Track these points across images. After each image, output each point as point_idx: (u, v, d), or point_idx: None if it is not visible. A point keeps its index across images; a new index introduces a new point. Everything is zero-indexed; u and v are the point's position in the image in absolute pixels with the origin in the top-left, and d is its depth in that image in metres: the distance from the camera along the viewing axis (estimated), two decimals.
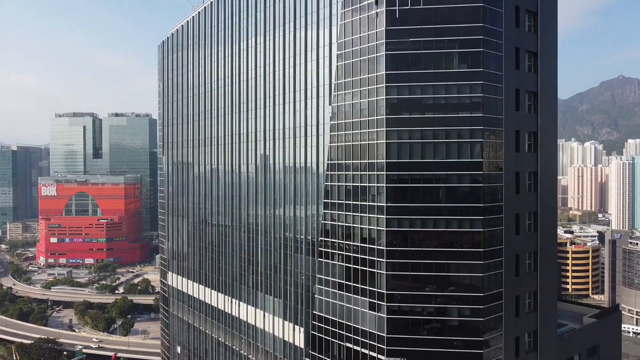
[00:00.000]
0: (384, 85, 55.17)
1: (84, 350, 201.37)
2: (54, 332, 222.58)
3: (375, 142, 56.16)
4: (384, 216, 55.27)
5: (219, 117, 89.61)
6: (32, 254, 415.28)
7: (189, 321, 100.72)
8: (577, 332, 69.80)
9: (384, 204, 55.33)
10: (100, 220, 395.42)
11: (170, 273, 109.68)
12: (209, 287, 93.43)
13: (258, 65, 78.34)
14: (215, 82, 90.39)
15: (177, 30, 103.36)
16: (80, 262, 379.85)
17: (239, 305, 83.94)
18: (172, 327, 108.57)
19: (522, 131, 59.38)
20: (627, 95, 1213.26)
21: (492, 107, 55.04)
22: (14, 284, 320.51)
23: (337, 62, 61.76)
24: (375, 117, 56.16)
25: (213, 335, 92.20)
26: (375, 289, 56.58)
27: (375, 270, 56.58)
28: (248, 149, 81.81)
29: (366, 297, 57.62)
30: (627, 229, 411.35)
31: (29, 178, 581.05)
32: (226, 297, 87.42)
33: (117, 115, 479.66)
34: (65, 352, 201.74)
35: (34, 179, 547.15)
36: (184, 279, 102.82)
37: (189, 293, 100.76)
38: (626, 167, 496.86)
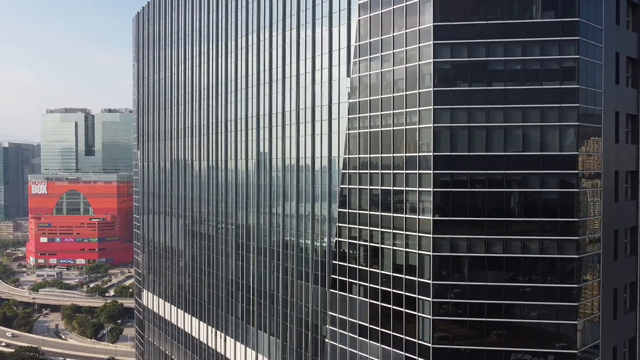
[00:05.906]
0: (430, 43, 38.50)
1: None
2: (38, 339, 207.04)
3: (416, 127, 39.56)
4: (430, 235, 38.97)
5: (202, 102, 72.09)
6: (23, 254, 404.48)
7: (167, 352, 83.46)
8: None
9: (430, 217, 38.82)
10: (92, 220, 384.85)
11: (145, 291, 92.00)
12: (188, 313, 76.14)
13: (250, 31, 60.50)
14: (197, 59, 72.72)
15: None
16: (72, 262, 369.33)
17: (224, 339, 66.62)
18: (147, 357, 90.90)
19: (622, 114, 42.25)
20: None
21: (590, 76, 37.99)
22: None
23: (360, 15, 44.30)
24: (416, 91, 39.57)
25: None
26: (415, 340, 40.54)
27: (415, 313, 40.08)
28: (237, 140, 64.14)
29: (401, 350, 41.45)
30: None
31: (20, 175, 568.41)
32: (210, 327, 70.10)
33: (110, 111, 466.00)
34: None
35: (26, 176, 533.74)
36: (160, 299, 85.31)
37: (166, 318, 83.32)
38: None
